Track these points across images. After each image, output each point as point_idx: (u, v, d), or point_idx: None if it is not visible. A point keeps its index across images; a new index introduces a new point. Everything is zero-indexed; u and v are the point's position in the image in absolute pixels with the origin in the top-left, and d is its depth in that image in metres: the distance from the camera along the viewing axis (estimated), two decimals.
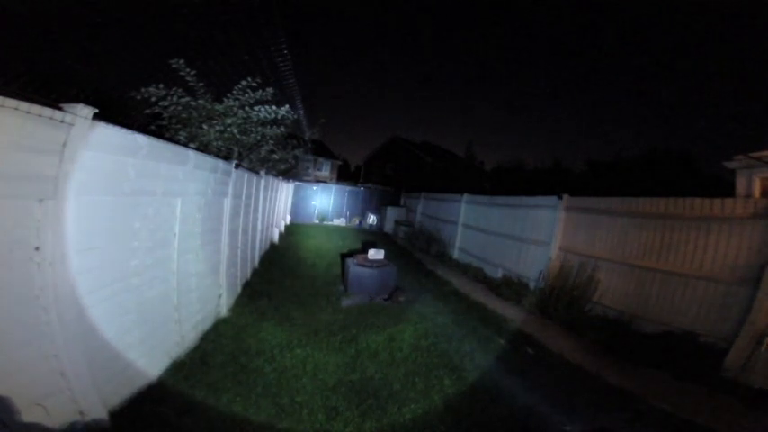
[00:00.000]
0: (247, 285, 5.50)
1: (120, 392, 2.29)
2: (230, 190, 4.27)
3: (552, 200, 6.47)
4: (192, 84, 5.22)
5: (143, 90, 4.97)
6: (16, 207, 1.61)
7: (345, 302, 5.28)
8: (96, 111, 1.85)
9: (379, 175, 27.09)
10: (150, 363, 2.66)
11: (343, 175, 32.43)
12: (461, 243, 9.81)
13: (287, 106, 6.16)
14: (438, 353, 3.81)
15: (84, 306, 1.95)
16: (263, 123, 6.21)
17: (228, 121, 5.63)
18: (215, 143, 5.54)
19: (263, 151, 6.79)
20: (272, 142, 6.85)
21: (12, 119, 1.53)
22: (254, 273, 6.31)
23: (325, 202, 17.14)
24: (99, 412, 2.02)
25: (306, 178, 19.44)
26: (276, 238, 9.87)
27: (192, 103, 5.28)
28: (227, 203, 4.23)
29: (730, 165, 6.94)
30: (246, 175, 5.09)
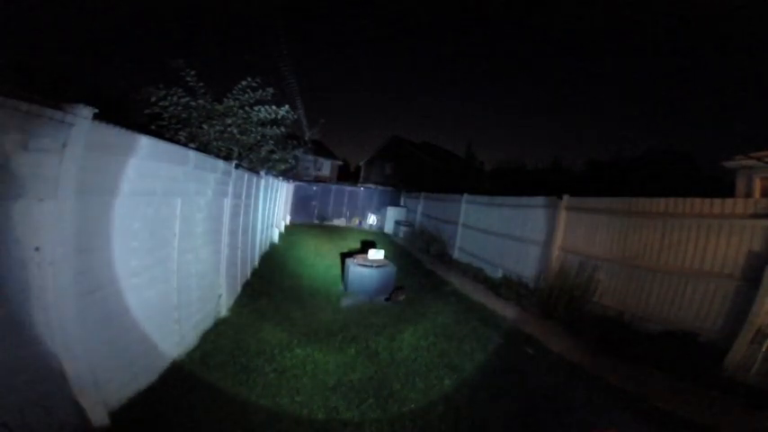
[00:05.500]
0: (247, 285, 5.50)
1: (120, 392, 2.28)
2: (230, 190, 4.27)
3: (552, 200, 6.47)
4: (191, 84, 5.23)
5: (143, 90, 4.97)
6: (16, 207, 1.61)
7: (345, 302, 5.28)
8: (96, 111, 1.85)
9: (379, 175, 27.09)
10: (150, 363, 2.66)
11: (344, 175, 32.41)
12: (461, 243, 9.80)
13: (287, 106, 6.17)
14: (438, 353, 3.81)
15: (84, 306, 1.95)
16: (263, 123, 6.21)
17: (228, 121, 5.63)
18: (215, 143, 5.55)
19: (263, 151, 6.80)
20: (272, 142, 6.85)
21: (12, 119, 1.54)
22: (254, 273, 6.31)
23: (325, 202, 17.14)
24: (99, 412, 2.02)
25: (306, 178, 19.46)
26: (276, 238, 9.87)
27: (192, 103, 5.29)
28: (227, 203, 4.23)
29: (730, 165, 6.95)
30: (246, 175, 5.09)
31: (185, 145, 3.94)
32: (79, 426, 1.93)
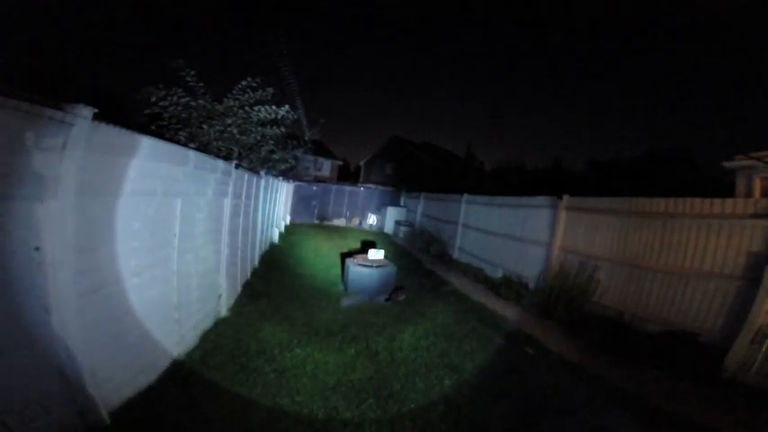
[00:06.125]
0: (247, 285, 5.50)
1: (120, 392, 2.29)
2: (230, 190, 4.27)
3: (552, 200, 6.47)
4: (191, 84, 5.23)
5: (143, 90, 4.98)
6: (16, 207, 1.61)
7: (345, 302, 5.28)
8: (96, 111, 1.86)
9: (379, 175, 27.09)
10: (150, 363, 2.66)
11: (344, 175, 32.41)
12: (461, 243, 9.80)
13: (287, 106, 6.18)
14: (438, 353, 3.81)
15: (83, 306, 1.95)
16: (263, 123, 6.22)
17: (228, 121, 5.64)
18: (215, 143, 5.55)
19: (263, 151, 6.80)
20: (272, 142, 6.86)
21: (12, 119, 1.54)
22: (254, 273, 6.31)
23: (325, 202, 17.14)
24: (99, 412, 2.02)
25: (306, 178, 19.46)
26: (276, 237, 9.87)
27: (192, 103, 5.29)
28: (227, 203, 4.23)
29: (730, 165, 6.94)
30: (246, 175, 5.09)
31: (185, 145, 3.94)
32: (79, 425, 1.93)
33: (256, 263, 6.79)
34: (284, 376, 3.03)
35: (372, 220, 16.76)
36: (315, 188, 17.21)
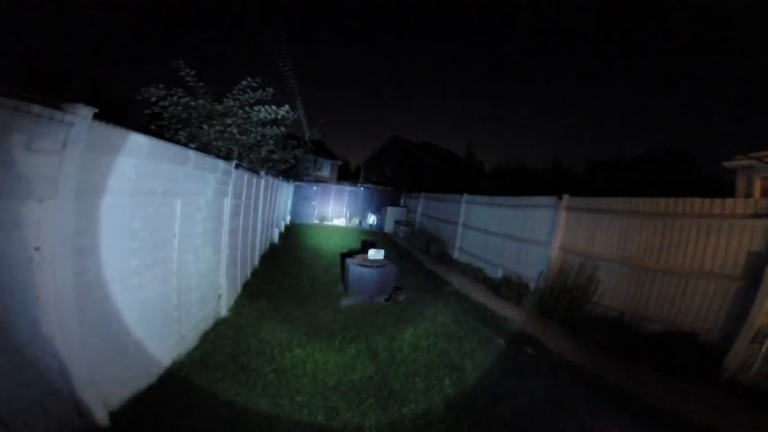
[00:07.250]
0: (247, 285, 5.50)
1: (120, 393, 2.28)
2: (230, 190, 4.27)
3: (552, 200, 6.47)
4: (191, 84, 5.23)
5: (143, 90, 4.98)
6: (16, 207, 1.61)
7: (345, 302, 5.28)
8: (96, 111, 1.85)
9: (379, 175, 27.08)
10: (150, 363, 2.66)
11: (343, 175, 32.39)
12: (461, 243, 9.80)
13: (287, 106, 6.17)
14: (438, 353, 3.81)
15: (83, 306, 1.94)
16: (263, 123, 6.22)
17: (228, 121, 5.63)
18: (215, 143, 5.55)
19: (263, 151, 6.80)
20: (272, 142, 6.86)
21: (12, 119, 1.54)
22: (254, 273, 6.31)
23: (325, 202, 17.15)
24: (99, 412, 2.02)
25: (306, 178, 19.45)
26: (276, 238, 9.86)
27: (192, 103, 5.29)
28: (227, 203, 4.23)
29: (730, 165, 6.94)
30: (246, 175, 5.09)
31: (185, 145, 3.94)
32: (79, 425, 1.92)
33: (256, 263, 6.79)
34: (284, 376, 3.03)
35: (372, 219, 16.77)
36: (315, 188, 17.21)
